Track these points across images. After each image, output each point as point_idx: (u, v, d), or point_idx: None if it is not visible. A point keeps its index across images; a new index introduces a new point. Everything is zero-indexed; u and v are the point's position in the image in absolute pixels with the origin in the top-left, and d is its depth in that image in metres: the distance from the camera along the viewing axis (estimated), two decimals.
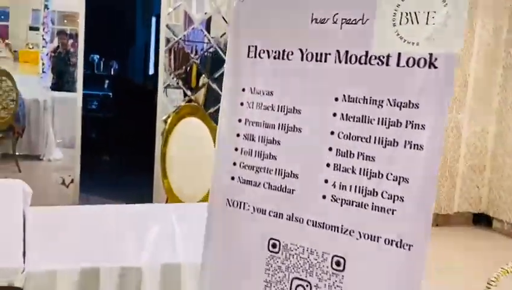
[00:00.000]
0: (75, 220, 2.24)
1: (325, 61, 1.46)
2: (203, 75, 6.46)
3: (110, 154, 6.21)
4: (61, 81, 8.05)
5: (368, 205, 1.38)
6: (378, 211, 1.36)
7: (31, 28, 9.04)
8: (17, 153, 5.06)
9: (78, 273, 1.70)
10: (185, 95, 5.74)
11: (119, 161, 6.02)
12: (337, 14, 1.43)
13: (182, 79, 5.22)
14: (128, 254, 1.84)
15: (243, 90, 1.60)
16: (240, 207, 1.58)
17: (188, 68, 5.47)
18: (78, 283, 1.70)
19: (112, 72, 9.32)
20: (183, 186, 3.07)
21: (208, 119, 3.19)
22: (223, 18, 5.04)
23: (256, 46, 1.57)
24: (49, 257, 1.77)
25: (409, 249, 1.31)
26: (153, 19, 9.70)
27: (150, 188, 4.66)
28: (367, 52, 1.39)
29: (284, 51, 1.52)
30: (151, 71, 9.38)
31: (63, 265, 1.71)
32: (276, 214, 1.52)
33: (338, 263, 1.41)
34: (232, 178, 1.60)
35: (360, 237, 1.38)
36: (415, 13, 1.32)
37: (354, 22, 1.41)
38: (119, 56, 9.93)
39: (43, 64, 8.22)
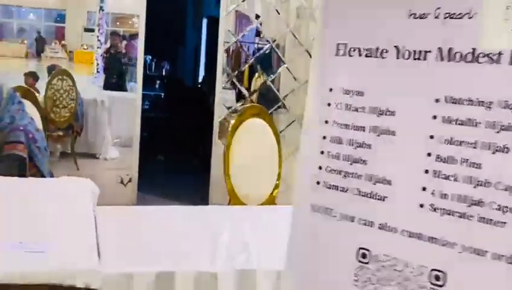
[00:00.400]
0: (143, 221, 2.21)
1: (425, 59, 1.35)
2: (255, 76, 6.42)
3: (164, 154, 6.25)
4: (113, 81, 8.21)
5: (472, 216, 1.26)
6: (485, 223, 1.25)
7: (86, 30, 9.28)
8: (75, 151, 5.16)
9: (154, 276, 1.66)
10: (239, 96, 5.70)
11: (174, 160, 6.04)
12: (439, 8, 1.33)
13: (235, 80, 5.19)
14: (202, 258, 1.79)
15: (330, 90, 1.51)
16: (326, 213, 1.50)
17: (242, 69, 5.44)
18: (153, 286, 1.65)
19: (164, 73, 9.44)
20: (246, 188, 3.01)
21: (272, 120, 3.13)
22: (277, 11, 4.98)
23: (346, 44, 1.48)
24: (124, 258, 1.73)
25: None
26: (204, 21, 9.77)
27: (206, 188, 4.64)
28: (474, 50, 1.27)
29: (377, 48, 1.43)
30: (202, 72, 9.44)
31: (139, 268, 1.67)
32: (366, 222, 1.43)
33: (437, 278, 1.31)
34: (317, 183, 1.52)
35: (464, 250, 1.27)
36: None
37: (459, 16, 1.30)
38: (170, 57, 10.05)
39: (97, 64, 8.41)
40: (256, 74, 6.21)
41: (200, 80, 9.30)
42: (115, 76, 8.56)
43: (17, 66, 7.67)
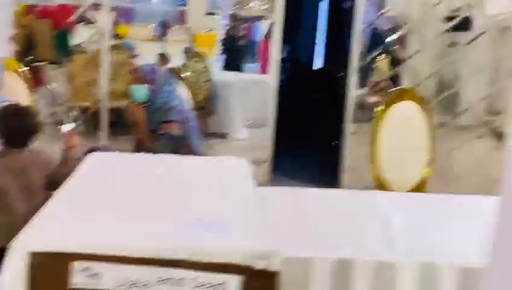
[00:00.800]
0: (301, 202, 2.17)
1: None
2: (379, 58, 6.16)
3: (291, 136, 6.23)
4: (232, 63, 8.33)
5: None
6: None
7: (207, 13, 9.53)
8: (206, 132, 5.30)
9: (334, 263, 1.60)
10: (363, 78, 5.51)
11: (300, 142, 6.00)
12: None
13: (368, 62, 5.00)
14: (379, 246, 1.70)
15: None
16: None
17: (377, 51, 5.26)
18: (332, 272, 1.60)
19: (284, 55, 9.41)
20: (394, 173, 2.89)
21: (424, 104, 2.95)
22: None
23: None
24: (301, 242, 1.70)
25: None
26: (322, 3, 9.59)
27: (335, 171, 4.55)
28: None
29: None
30: (320, 55, 9.30)
31: (319, 253, 1.62)
32: None
33: None
34: None
35: None
36: None
37: None
38: (289, 39, 10.01)
39: (218, 47, 8.60)
40: (378, 57, 5.99)
41: (316, 61, 9.16)
42: (234, 58, 8.71)
43: (146, 49, 8.02)
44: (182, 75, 3.52)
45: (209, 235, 1.65)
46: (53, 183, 2.40)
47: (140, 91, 2.84)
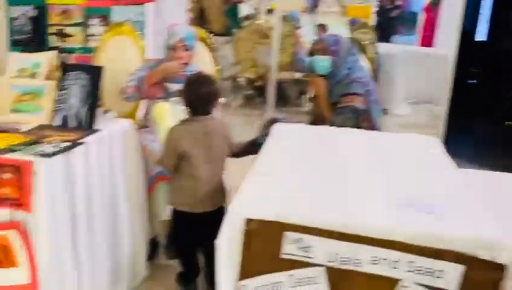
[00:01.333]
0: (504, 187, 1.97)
1: None
2: None
3: (457, 112, 5.83)
4: (383, 35, 7.92)
5: None
6: None
7: None
8: None
9: None
10: None
11: (469, 121, 5.59)
12: None
13: None
14: None
15: None
16: None
17: None
18: None
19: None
20: None
21: None
22: None
23: None
24: None
25: None
26: None
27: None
28: None
29: None
30: (484, 27, 8.52)
31: None
32: None
33: None
34: None
35: None
36: None
37: None
38: None
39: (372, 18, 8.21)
40: None
41: (479, 34, 8.40)
42: (385, 29, 8.29)
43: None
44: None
45: (427, 218, 1.54)
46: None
47: (323, 62, 2.77)
